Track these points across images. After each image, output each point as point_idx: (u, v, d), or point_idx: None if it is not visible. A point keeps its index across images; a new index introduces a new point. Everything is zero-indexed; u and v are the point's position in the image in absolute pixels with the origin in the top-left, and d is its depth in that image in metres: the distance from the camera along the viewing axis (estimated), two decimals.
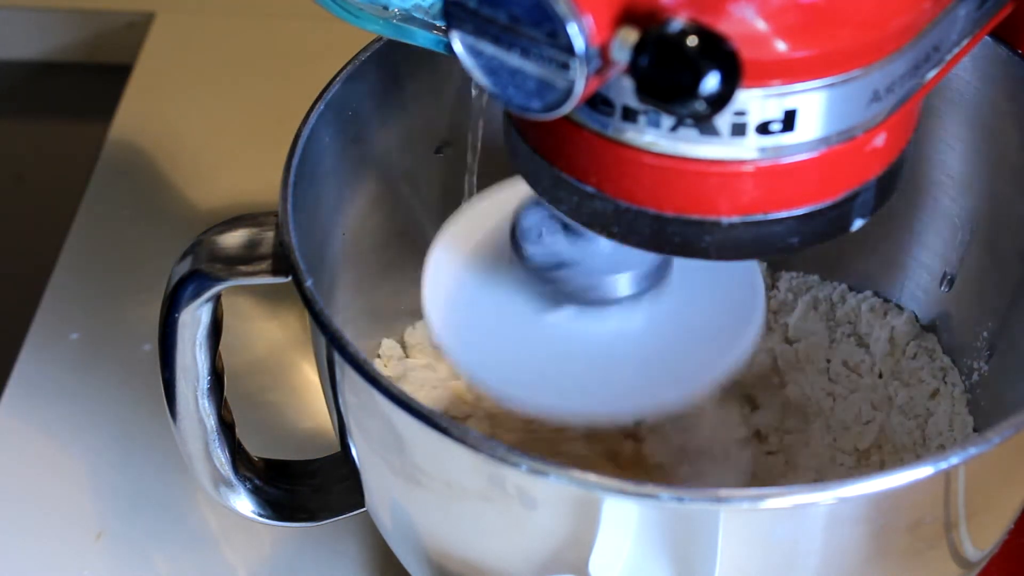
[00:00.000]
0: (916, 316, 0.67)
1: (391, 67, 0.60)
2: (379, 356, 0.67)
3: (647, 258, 0.50)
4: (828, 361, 0.68)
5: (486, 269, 0.54)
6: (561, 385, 0.52)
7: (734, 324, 0.53)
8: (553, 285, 0.51)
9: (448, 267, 0.54)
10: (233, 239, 0.55)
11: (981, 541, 0.53)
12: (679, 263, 0.51)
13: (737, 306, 0.53)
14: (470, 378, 0.53)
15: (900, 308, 0.68)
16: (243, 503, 0.60)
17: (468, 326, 0.53)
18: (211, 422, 0.58)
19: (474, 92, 0.59)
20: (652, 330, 0.52)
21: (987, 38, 0.57)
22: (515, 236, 0.51)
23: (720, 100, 0.39)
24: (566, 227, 0.50)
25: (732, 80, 0.39)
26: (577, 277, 0.51)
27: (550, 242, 0.51)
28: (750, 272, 0.54)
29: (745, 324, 0.53)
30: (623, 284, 0.51)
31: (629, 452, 0.64)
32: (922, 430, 0.65)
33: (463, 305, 0.53)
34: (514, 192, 0.53)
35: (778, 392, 0.67)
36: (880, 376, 0.67)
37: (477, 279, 0.54)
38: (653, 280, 0.51)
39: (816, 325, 0.69)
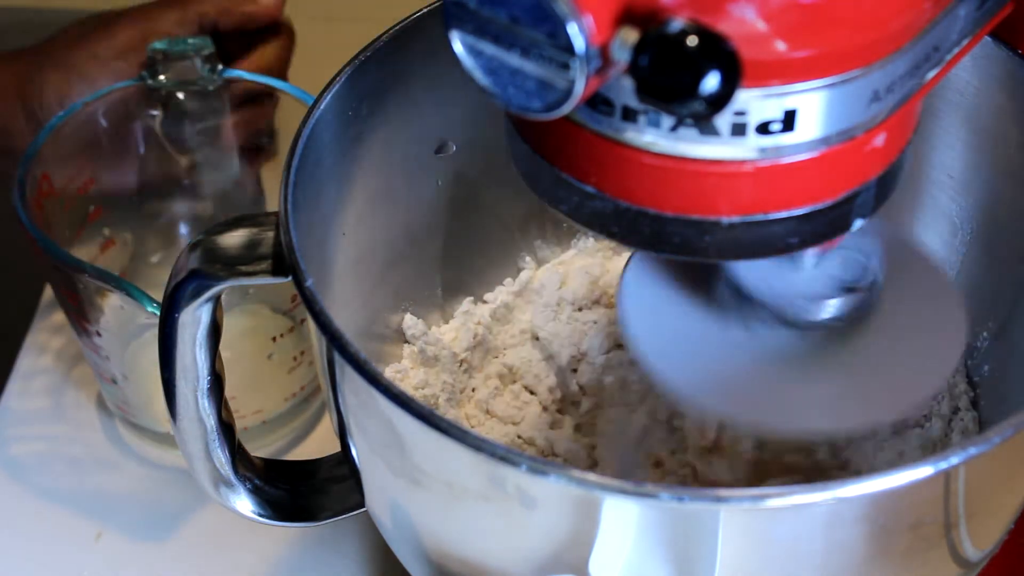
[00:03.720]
0: None
1: (391, 67, 0.60)
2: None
3: (851, 282, 0.51)
4: None
5: (683, 285, 0.54)
6: (758, 400, 0.52)
7: (930, 358, 0.53)
8: (756, 305, 0.51)
9: (644, 281, 0.54)
10: (233, 239, 0.55)
11: (981, 541, 0.53)
12: (887, 290, 0.52)
13: (936, 341, 0.53)
14: (667, 388, 0.53)
15: None
16: (243, 503, 0.61)
17: (668, 341, 0.53)
18: (211, 422, 0.58)
19: None
20: (850, 353, 0.52)
21: (987, 38, 0.57)
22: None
23: (720, 100, 0.39)
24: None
25: (732, 80, 0.39)
26: (780, 298, 0.51)
27: (761, 264, 0.51)
28: (954, 307, 0.54)
29: (941, 362, 0.53)
30: (827, 308, 0.51)
31: None
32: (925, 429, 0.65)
33: (662, 320, 0.54)
34: None
35: None
36: None
37: (674, 294, 0.54)
38: (855, 306, 0.51)
39: None
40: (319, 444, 0.75)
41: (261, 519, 0.61)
